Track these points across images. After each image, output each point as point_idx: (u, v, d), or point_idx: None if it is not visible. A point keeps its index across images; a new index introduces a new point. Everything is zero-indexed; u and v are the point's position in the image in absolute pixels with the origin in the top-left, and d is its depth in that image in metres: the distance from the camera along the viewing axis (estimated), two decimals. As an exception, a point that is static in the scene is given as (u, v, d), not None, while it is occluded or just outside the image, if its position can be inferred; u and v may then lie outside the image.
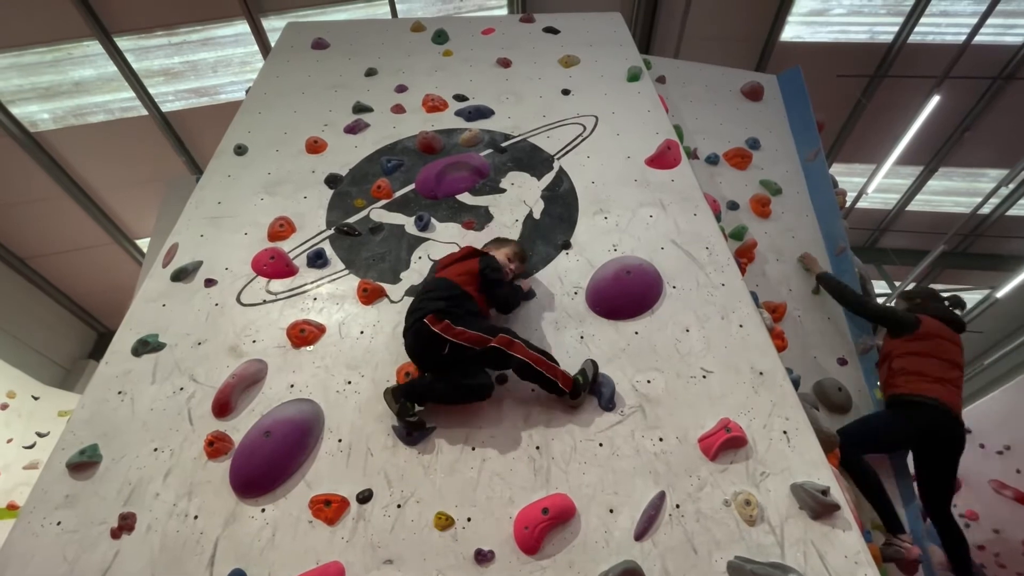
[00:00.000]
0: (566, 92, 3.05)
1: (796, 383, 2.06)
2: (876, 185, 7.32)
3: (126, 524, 1.61)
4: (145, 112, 6.09)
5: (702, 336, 1.98)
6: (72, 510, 1.66)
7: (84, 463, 1.74)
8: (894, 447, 2.47)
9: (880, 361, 2.64)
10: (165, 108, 6.18)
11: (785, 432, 1.73)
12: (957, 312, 2.68)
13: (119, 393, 1.93)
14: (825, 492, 1.56)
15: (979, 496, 4.23)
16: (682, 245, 2.27)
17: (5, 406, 5.62)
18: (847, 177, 7.58)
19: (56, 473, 1.74)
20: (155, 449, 1.78)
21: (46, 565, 1.56)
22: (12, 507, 5.33)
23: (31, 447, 5.68)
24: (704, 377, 1.87)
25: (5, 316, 6.91)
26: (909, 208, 8.02)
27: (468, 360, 1.78)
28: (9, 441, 5.57)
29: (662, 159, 2.62)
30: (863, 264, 3.27)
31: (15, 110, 5.77)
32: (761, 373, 1.87)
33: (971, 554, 2.50)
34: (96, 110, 6.04)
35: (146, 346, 2.03)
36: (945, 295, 2.78)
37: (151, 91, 5.97)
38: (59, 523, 1.64)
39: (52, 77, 5.65)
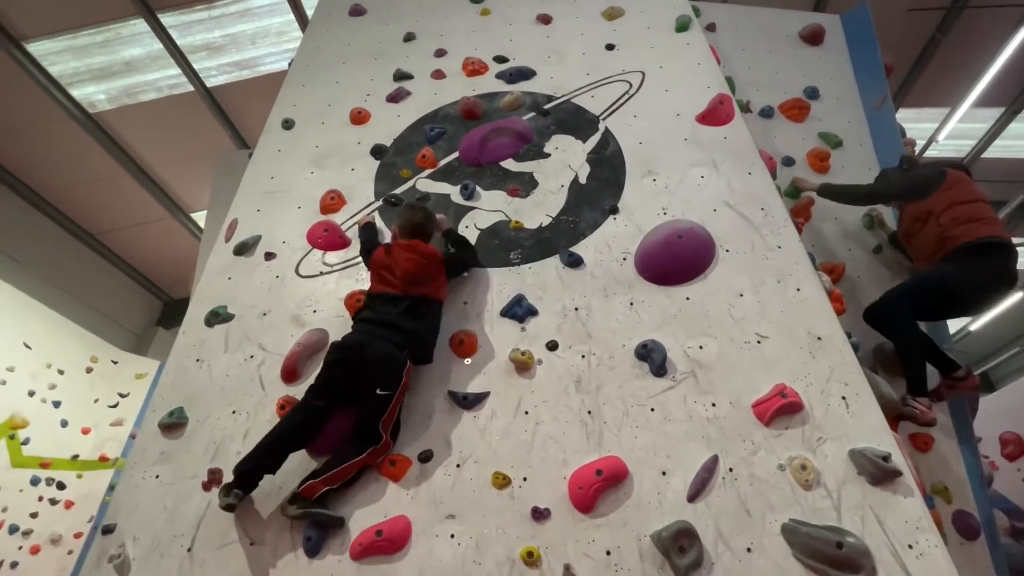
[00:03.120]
0: (610, 47, 2.92)
1: (855, 348, 2.00)
2: (949, 131, 6.72)
3: (215, 478, 1.78)
4: (191, 88, 6.25)
5: (757, 301, 1.93)
6: (167, 465, 1.85)
7: (174, 424, 1.92)
8: (960, 299, 2.33)
9: (914, 228, 2.44)
10: (209, 83, 6.33)
11: (844, 398, 1.69)
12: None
13: (197, 361, 2.09)
14: (886, 458, 1.53)
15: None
16: (736, 207, 2.19)
17: (90, 370, 6.18)
18: (914, 124, 6.98)
19: (151, 433, 1.93)
20: (233, 412, 1.94)
21: (150, 512, 1.76)
22: (103, 459, 5.94)
23: (114, 406, 6.27)
24: (759, 343, 1.84)
25: (83, 288, 7.48)
26: (985, 155, 7.35)
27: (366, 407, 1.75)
28: (96, 401, 6.15)
29: (714, 115, 2.49)
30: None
31: (75, 92, 6.05)
32: (819, 338, 1.82)
33: None
34: (147, 88, 6.25)
35: (217, 317, 2.17)
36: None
37: (195, 66, 6.10)
38: (157, 476, 1.83)
39: (104, 58, 5.85)
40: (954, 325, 8.51)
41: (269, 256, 2.34)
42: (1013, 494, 4.13)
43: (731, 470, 1.61)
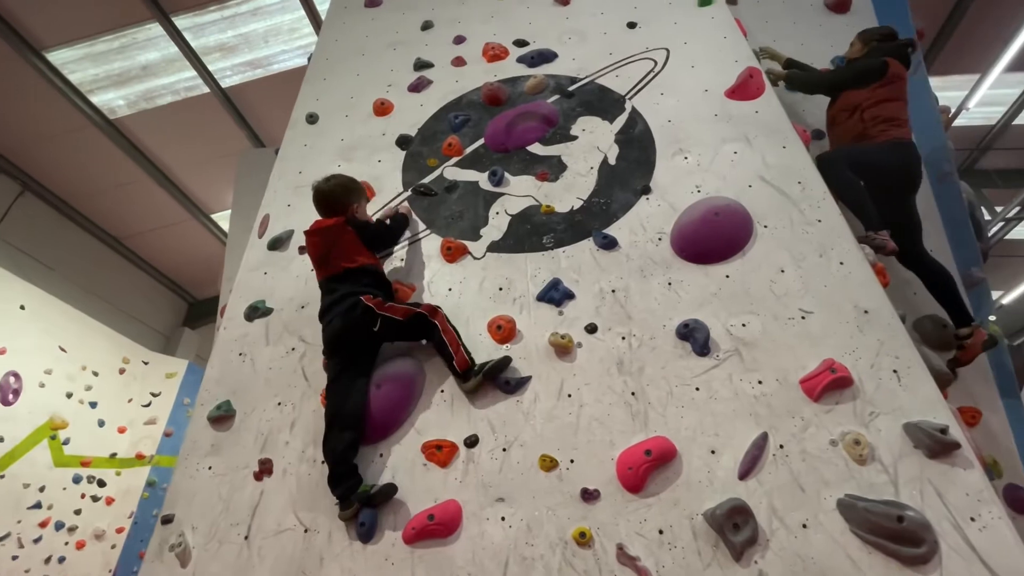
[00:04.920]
0: (632, 25, 2.87)
1: (901, 320, 1.96)
2: (979, 98, 6.50)
3: (265, 468, 1.82)
4: (207, 89, 6.31)
5: (799, 276, 1.90)
6: (219, 457, 1.89)
7: (222, 416, 1.96)
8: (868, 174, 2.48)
9: (840, 117, 2.64)
10: (224, 83, 6.38)
11: (895, 371, 1.65)
12: (910, 51, 2.67)
13: (240, 355, 2.12)
14: (944, 431, 1.50)
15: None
16: (771, 181, 2.14)
17: (123, 371, 6.34)
18: (942, 92, 6.75)
19: (200, 426, 1.97)
20: (279, 403, 1.97)
21: (206, 502, 1.80)
22: (140, 456, 6.12)
23: (147, 405, 6.44)
24: (803, 318, 1.81)
25: (112, 291, 7.67)
26: (1017, 122, 7.10)
27: (394, 333, 1.89)
28: (129, 401, 6.32)
29: (744, 89, 2.44)
30: (971, 190, 2.98)
31: (95, 99, 6.14)
32: (866, 311, 1.78)
33: None
34: (164, 92, 6.32)
35: (256, 311, 2.21)
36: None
37: (210, 67, 6.15)
38: (210, 467, 1.88)
39: (122, 63, 5.93)
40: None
41: (303, 250, 2.36)
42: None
43: (781, 447, 1.59)
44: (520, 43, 2.93)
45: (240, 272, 2.36)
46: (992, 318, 2.49)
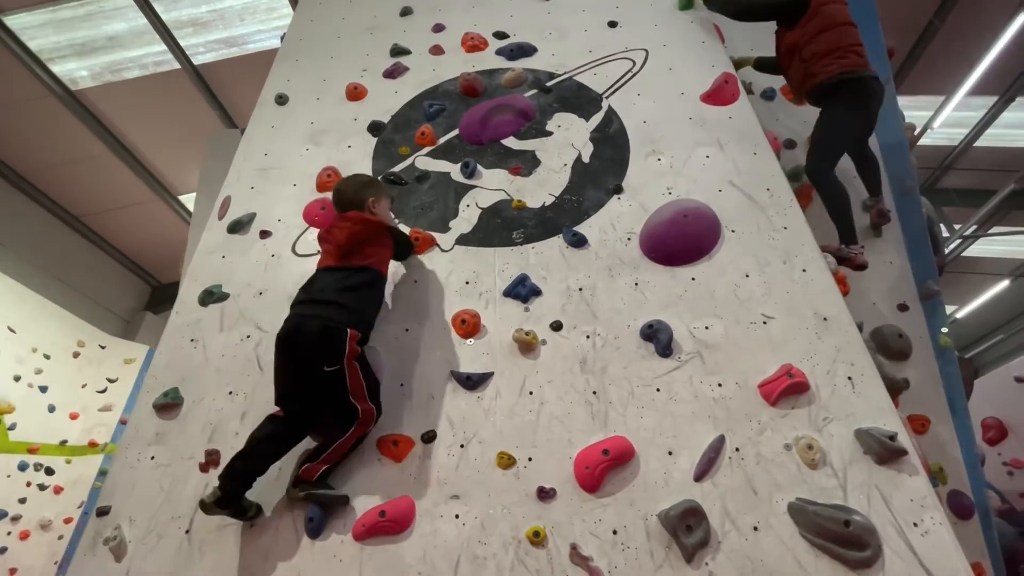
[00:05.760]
0: (613, 24, 2.86)
1: (858, 329, 2.00)
2: (943, 119, 6.75)
3: (212, 459, 1.74)
4: (178, 65, 6.06)
5: (762, 281, 1.92)
6: (163, 446, 1.81)
7: (168, 404, 1.87)
8: (853, 134, 2.55)
9: (785, 62, 2.63)
10: (196, 60, 6.14)
11: (850, 378, 1.68)
12: None
13: (191, 340, 2.03)
14: (892, 437, 1.53)
15: (1026, 444, 4.17)
16: (741, 187, 2.16)
17: (77, 354, 6.07)
18: (910, 111, 6.98)
19: (144, 413, 1.88)
20: (230, 392, 1.89)
21: (146, 493, 1.72)
22: (92, 444, 5.87)
23: (103, 391, 6.18)
24: (765, 323, 1.83)
25: (69, 272, 7.32)
26: (977, 144, 7.40)
27: (330, 385, 1.65)
28: (83, 386, 6.05)
29: (719, 94, 2.45)
30: (931, 206, 3.07)
31: (55, 68, 5.83)
32: (825, 319, 1.81)
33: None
34: (131, 65, 6.04)
35: (211, 296, 2.12)
36: None
37: (182, 43, 5.91)
38: (152, 457, 1.79)
39: (87, 32, 5.64)
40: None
41: (264, 234, 2.28)
42: (993, 477, 4.25)
43: (738, 450, 1.60)
44: (500, 35, 2.90)
45: (196, 255, 2.26)
46: (944, 330, 2.57)
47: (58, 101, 5.99)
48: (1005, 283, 8.97)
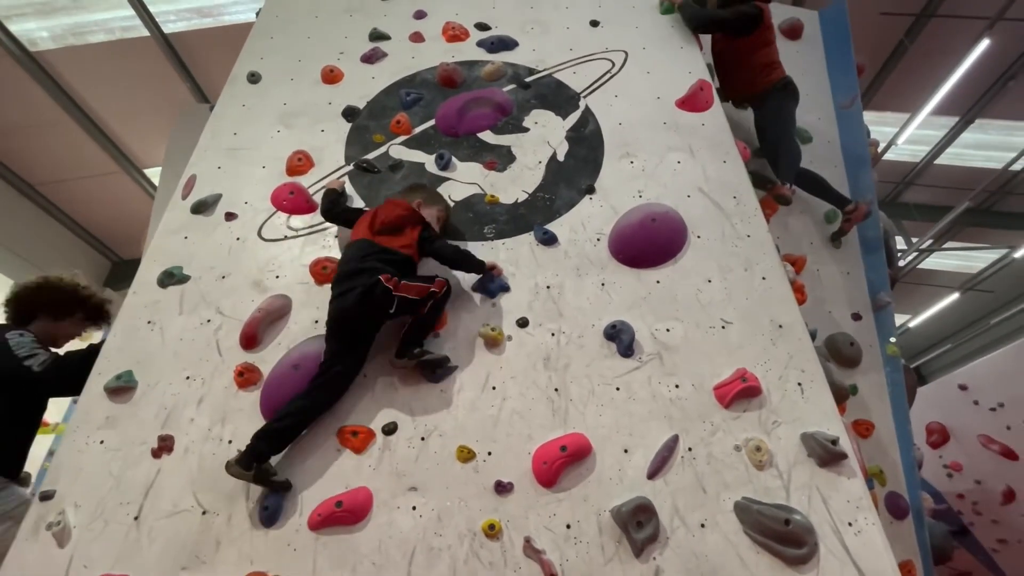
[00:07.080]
0: (595, 23, 2.86)
1: (812, 336, 2.08)
2: (907, 136, 7.02)
3: (165, 445, 1.71)
4: (147, 32, 5.81)
5: (724, 287, 1.97)
6: (113, 430, 1.75)
7: (121, 387, 1.82)
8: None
9: (730, 66, 2.94)
10: (167, 29, 5.89)
11: (800, 384, 1.76)
12: None
13: (148, 323, 1.98)
14: (835, 442, 1.61)
15: (965, 449, 4.44)
16: (709, 193, 2.21)
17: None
18: (877, 127, 7.24)
19: (95, 396, 1.82)
20: (187, 377, 1.85)
21: (94, 478, 1.67)
22: (43, 424, 5.63)
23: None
24: (723, 328, 1.89)
25: (22, 243, 6.97)
26: (938, 162, 7.73)
27: (407, 310, 1.81)
28: (36, 364, 5.77)
29: (694, 100, 2.50)
30: (889, 220, 3.20)
31: (13, 27, 5.52)
32: (781, 326, 1.88)
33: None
34: (96, 28, 5.77)
35: (171, 278, 2.06)
36: None
37: (151, 8, 5.66)
38: (102, 442, 1.74)
39: (47, -9, 5.36)
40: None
41: (230, 216, 2.22)
42: (934, 479, 4.51)
43: (690, 449, 1.66)
44: (482, 26, 2.87)
45: (157, 235, 2.19)
46: (892, 339, 2.70)
47: (14, 61, 5.68)
48: (955, 296, 9.45)
